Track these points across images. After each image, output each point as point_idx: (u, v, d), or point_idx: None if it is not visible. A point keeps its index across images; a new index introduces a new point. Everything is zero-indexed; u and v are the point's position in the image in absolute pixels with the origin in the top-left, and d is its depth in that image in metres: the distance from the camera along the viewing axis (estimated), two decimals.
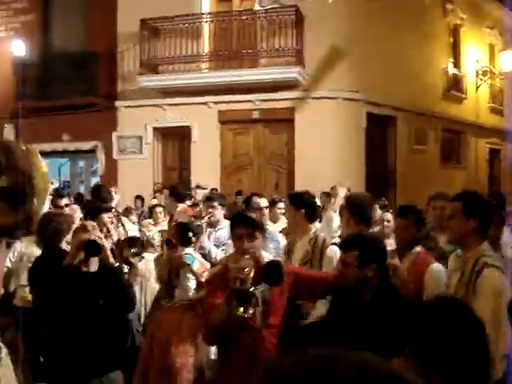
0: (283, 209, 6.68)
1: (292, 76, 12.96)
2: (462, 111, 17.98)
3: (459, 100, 18.03)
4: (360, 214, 4.63)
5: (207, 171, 13.48)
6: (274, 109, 13.41)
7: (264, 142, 13.88)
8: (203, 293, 5.04)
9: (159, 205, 8.95)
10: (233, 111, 13.72)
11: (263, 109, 13.51)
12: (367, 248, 3.39)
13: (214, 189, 9.41)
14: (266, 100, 13.38)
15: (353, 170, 12.98)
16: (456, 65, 18.15)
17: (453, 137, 17.95)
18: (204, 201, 7.19)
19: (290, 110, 13.41)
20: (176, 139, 14.77)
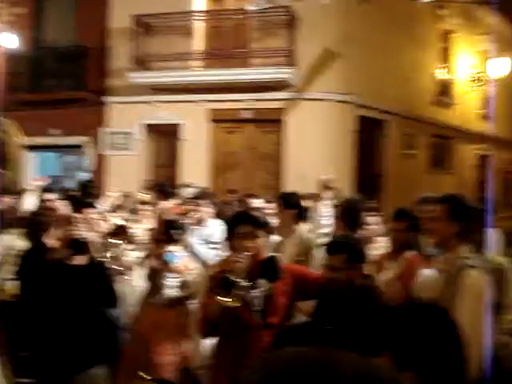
0: (271, 209, 6.67)
1: (283, 76, 12.96)
2: (452, 117, 18.07)
3: (449, 106, 18.11)
4: (350, 220, 4.66)
5: (196, 169, 13.46)
6: (265, 109, 13.39)
7: (254, 142, 13.87)
8: (187, 291, 5.05)
9: (145, 202, 8.87)
10: (223, 110, 13.70)
11: (254, 108, 13.49)
12: (354, 251, 3.40)
13: (202, 188, 9.36)
14: (257, 100, 13.36)
15: (342, 173, 12.97)
16: (447, 70, 18.24)
17: (442, 142, 18.01)
18: (192, 198, 7.17)
19: (281, 111, 13.40)
20: (166, 136, 14.72)
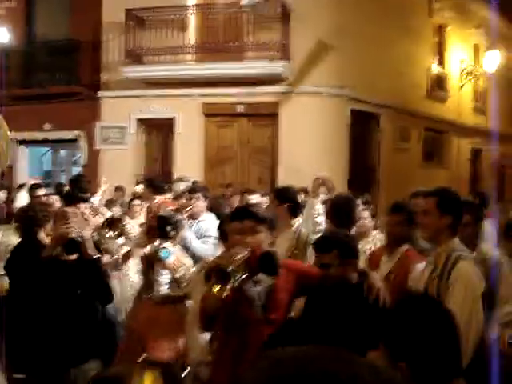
0: (266, 203, 6.68)
1: (277, 70, 12.94)
2: (445, 111, 18.08)
3: (443, 99, 18.12)
4: (341, 216, 4.67)
5: (190, 163, 13.43)
6: (259, 103, 13.38)
7: (248, 136, 13.85)
8: (180, 287, 5.05)
9: (136, 197, 8.82)
10: (217, 104, 13.67)
11: (248, 102, 13.47)
12: (345, 246, 3.41)
13: (196, 181, 9.33)
14: (251, 94, 13.34)
15: (336, 166, 12.97)
16: (440, 64, 18.24)
17: (435, 136, 18.04)
18: (186, 192, 7.15)
19: (275, 105, 13.38)
20: (159, 131, 14.69)
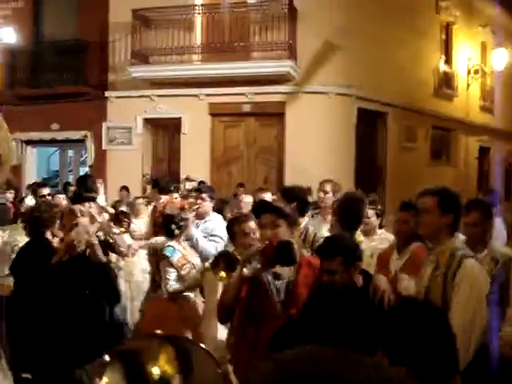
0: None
1: (284, 70, 12.92)
2: (453, 109, 18.01)
3: (450, 98, 18.05)
4: (348, 218, 4.67)
5: (197, 163, 13.44)
6: (266, 102, 13.37)
7: (254, 136, 13.85)
8: (178, 287, 5.07)
9: (141, 196, 8.83)
10: (224, 104, 13.67)
11: (254, 102, 13.47)
12: (350, 252, 3.40)
13: (202, 181, 9.35)
14: (258, 93, 13.34)
15: (342, 165, 12.97)
16: (447, 62, 18.18)
17: (443, 134, 17.97)
18: (193, 192, 7.16)
19: (281, 104, 13.38)
20: (166, 131, 14.71)
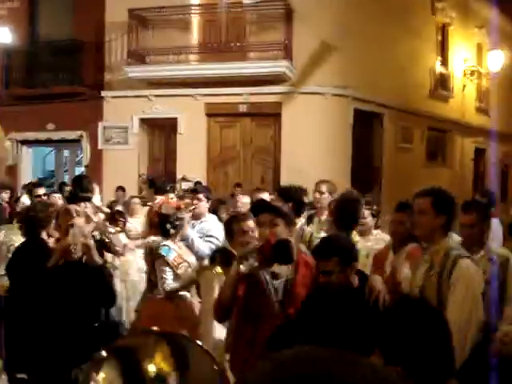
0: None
1: (280, 70, 12.92)
2: (449, 110, 18.04)
3: (446, 99, 18.08)
4: (345, 219, 4.68)
5: (193, 163, 13.43)
6: (262, 102, 13.38)
7: (251, 136, 13.84)
8: (175, 285, 5.07)
9: (137, 196, 8.82)
10: (220, 104, 13.66)
11: (250, 102, 13.47)
12: (346, 252, 3.41)
13: (199, 182, 9.35)
14: (254, 94, 13.33)
15: (339, 166, 12.98)
16: (443, 63, 18.21)
17: (439, 135, 18.01)
18: (189, 192, 7.15)
19: (278, 105, 13.38)
20: (162, 131, 14.69)
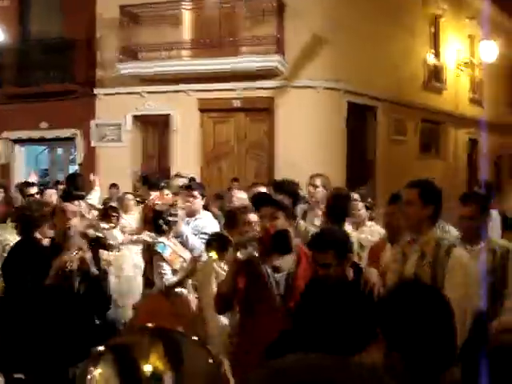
0: None
1: (272, 64, 12.90)
2: (442, 102, 18.07)
3: (439, 90, 18.10)
4: (335, 214, 4.70)
5: (187, 159, 13.42)
6: (255, 97, 13.36)
7: (244, 131, 13.84)
8: (175, 279, 5.09)
9: (129, 193, 8.78)
10: (213, 99, 13.64)
11: (243, 97, 13.45)
12: (342, 245, 3.42)
13: (192, 178, 9.31)
14: (247, 88, 13.32)
15: (333, 159, 12.99)
16: (436, 55, 18.22)
17: (432, 127, 18.03)
18: (183, 189, 7.13)
19: (271, 99, 13.37)
20: (156, 127, 14.66)
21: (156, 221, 5.26)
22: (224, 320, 4.47)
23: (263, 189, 7.27)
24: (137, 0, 13.39)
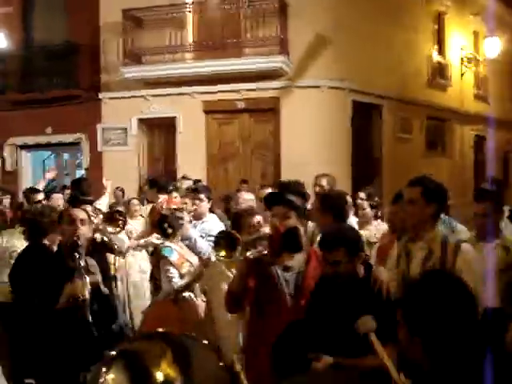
0: None
1: (276, 65, 12.89)
2: (447, 99, 18.01)
3: (444, 87, 18.05)
4: (335, 211, 4.69)
5: (193, 161, 13.43)
6: (259, 98, 13.36)
7: (249, 132, 13.83)
8: (183, 283, 5.09)
9: (135, 198, 8.79)
10: (218, 101, 13.65)
11: (248, 98, 13.45)
12: (353, 243, 3.38)
13: (198, 180, 9.30)
14: (251, 89, 13.32)
15: (339, 158, 12.97)
16: (440, 52, 18.17)
17: (438, 124, 17.97)
18: (190, 191, 7.13)
19: (275, 100, 13.35)
20: (161, 130, 14.68)
21: (161, 224, 5.27)
22: (234, 320, 4.45)
23: (270, 190, 7.27)
24: (140, 4, 13.40)
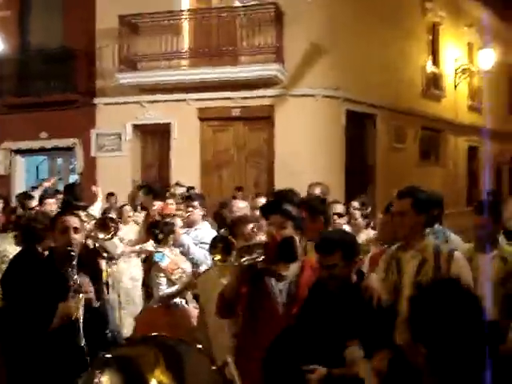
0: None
1: (271, 73, 12.93)
2: (441, 109, 18.11)
3: (438, 98, 18.15)
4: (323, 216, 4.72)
5: (187, 168, 13.43)
6: (254, 106, 13.39)
7: (244, 139, 13.85)
8: (170, 291, 5.09)
9: (127, 204, 8.77)
10: (212, 108, 13.67)
11: (243, 106, 13.48)
12: (349, 246, 3.40)
13: (191, 187, 9.30)
14: (246, 97, 13.35)
15: (332, 167, 13.00)
16: (435, 63, 18.27)
17: (432, 135, 18.06)
18: (184, 199, 7.14)
19: (270, 108, 13.39)
20: (155, 136, 14.68)
21: (152, 230, 5.29)
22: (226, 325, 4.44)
23: (263, 199, 7.28)
24: (136, 10, 13.43)
